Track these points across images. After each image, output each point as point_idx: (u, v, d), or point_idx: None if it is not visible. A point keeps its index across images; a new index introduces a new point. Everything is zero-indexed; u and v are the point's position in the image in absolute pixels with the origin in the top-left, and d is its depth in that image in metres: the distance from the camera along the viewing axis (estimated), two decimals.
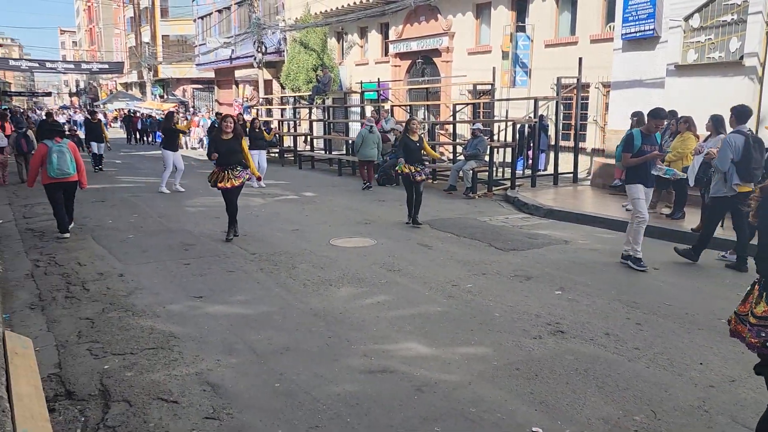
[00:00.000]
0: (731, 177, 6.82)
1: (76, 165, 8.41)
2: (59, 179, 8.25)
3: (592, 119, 14.98)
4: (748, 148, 6.69)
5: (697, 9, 11.00)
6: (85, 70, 49.90)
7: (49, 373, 4.11)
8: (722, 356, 4.46)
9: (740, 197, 6.74)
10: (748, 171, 6.68)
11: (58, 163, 8.17)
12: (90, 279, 6.35)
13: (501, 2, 17.21)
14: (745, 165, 6.70)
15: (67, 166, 8.25)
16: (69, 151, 8.33)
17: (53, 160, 8.14)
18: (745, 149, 6.69)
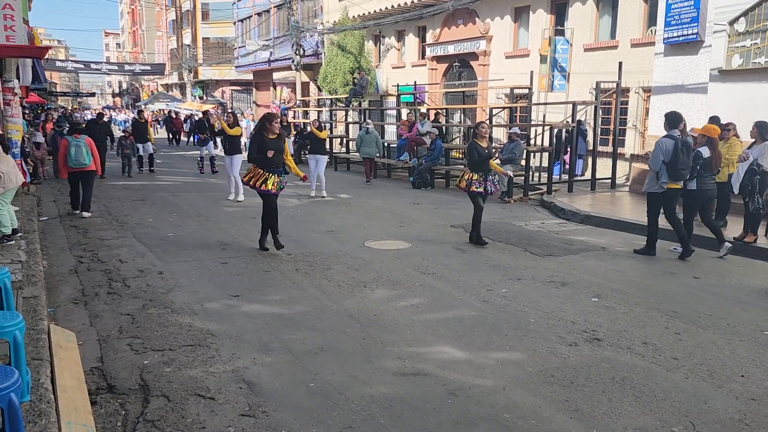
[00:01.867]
0: (662, 176, 7.61)
1: (92, 157, 9.82)
2: (76, 169, 9.72)
3: (631, 124, 14.72)
4: (677, 151, 7.44)
5: (743, 13, 10.72)
6: (128, 72, 51.13)
7: (91, 366, 4.24)
8: (764, 369, 4.34)
9: (669, 193, 7.67)
10: (676, 171, 7.50)
11: (76, 156, 9.62)
12: (131, 276, 6.52)
13: (540, 5, 17.06)
14: (673, 165, 7.49)
15: (83, 158, 9.66)
16: (85, 145, 9.72)
17: (72, 152, 9.61)
18: (674, 152, 7.45)
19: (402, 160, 16.09)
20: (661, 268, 7.23)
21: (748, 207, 7.99)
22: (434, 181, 14.84)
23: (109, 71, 51.44)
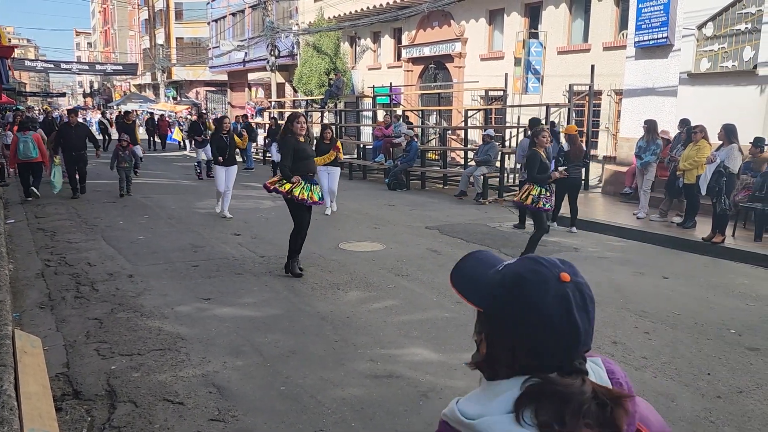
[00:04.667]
0: (522, 168, 9.56)
1: (39, 151, 11.46)
2: (24, 161, 11.44)
3: (603, 126, 14.92)
4: None
5: (711, 18, 10.94)
6: (100, 72, 50.40)
7: (57, 372, 4.15)
8: (730, 367, 4.42)
9: None
10: None
11: (24, 150, 11.31)
12: (99, 279, 6.41)
13: (514, 8, 17.21)
14: None
15: (30, 151, 11.34)
16: (32, 140, 11.44)
17: (20, 147, 11.31)
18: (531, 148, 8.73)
19: (377, 162, 16.09)
20: (631, 268, 7.33)
21: (716, 208, 8.15)
22: (410, 183, 14.86)
23: (79, 71, 50.67)
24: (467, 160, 15.41)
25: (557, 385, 0.93)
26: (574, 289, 1.00)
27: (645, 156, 10.08)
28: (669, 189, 10.07)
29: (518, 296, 1.00)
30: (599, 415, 0.92)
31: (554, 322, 0.97)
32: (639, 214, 10.15)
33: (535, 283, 1.00)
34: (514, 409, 0.93)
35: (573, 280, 1.01)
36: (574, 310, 0.98)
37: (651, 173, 10.16)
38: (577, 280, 1.02)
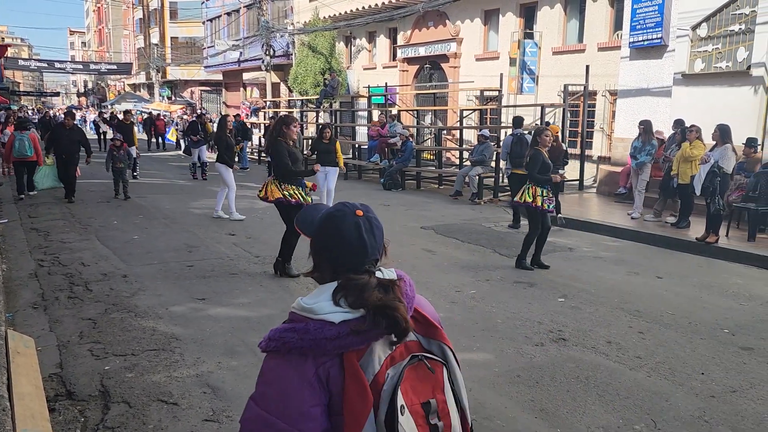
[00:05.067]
0: (508, 164, 10.59)
1: (35, 150, 11.55)
2: (19, 159, 11.56)
3: (598, 127, 14.95)
4: (514, 144, 10.21)
5: (705, 18, 10.98)
6: (94, 71, 50.22)
7: (50, 372, 4.13)
8: (724, 366, 4.44)
9: (514, 177, 9.80)
10: (514, 160, 9.97)
11: (19, 148, 11.40)
12: (93, 279, 6.38)
13: (509, 9, 17.23)
14: (513, 156, 10.07)
15: (25, 150, 11.42)
16: (29, 139, 11.52)
17: (16, 145, 11.41)
18: (513, 145, 10.22)
19: (373, 162, 16.09)
20: (626, 268, 7.35)
21: (710, 208, 8.18)
22: (405, 183, 14.86)
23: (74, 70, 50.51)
24: (462, 160, 15.42)
25: (355, 279, 1.40)
26: (365, 220, 1.50)
27: (640, 156, 10.10)
28: (663, 189, 10.10)
29: (328, 225, 1.49)
30: (395, 295, 1.41)
31: (351, 241, 1.46)
32: (633, 214, 10.17)
33: (338, 216, 1.49)
34: (332, 297, 1.38)
35: (365, 214, 1.51)
36: (363, 233, 1.47)
37: (646, 173, 10.19)
38: (368, 215, 1.53)
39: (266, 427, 1.36)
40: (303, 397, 1.34)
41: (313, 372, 1.34)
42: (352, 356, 1.35)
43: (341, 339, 1.33)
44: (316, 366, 1.35)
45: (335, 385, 1.35)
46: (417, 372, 1.40)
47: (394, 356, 1.40)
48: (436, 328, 1.52)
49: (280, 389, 1.37)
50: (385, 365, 1.37)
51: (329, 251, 1.48)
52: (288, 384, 1.36)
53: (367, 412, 1.32)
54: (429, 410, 1.41)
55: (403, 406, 1.34)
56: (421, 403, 1.39)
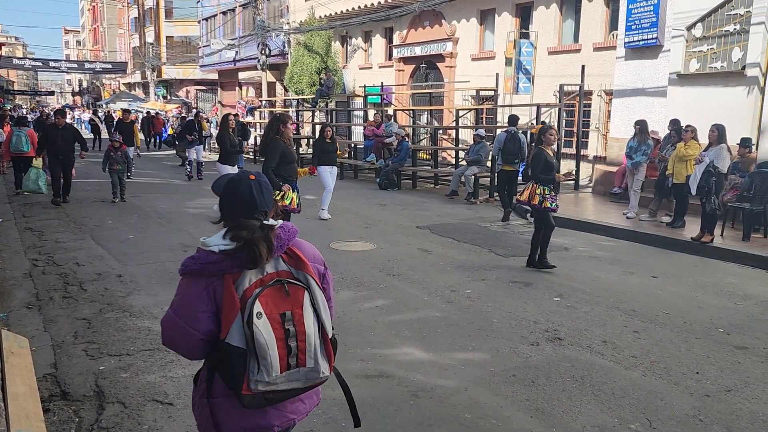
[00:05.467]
0: (499, 160, 11.05)
1: (31, 145, 11.76)
2: (16, 154, 11.92)
3: (594, 127, 14.98)
4: (507, 141, 10.66)
5: (700, 19, 11.01)
6: (89, 70, 50.09)
7: (44, 373, 4.11)
8: (719, 366, 4.45)
9: (504, 173, 10.83)
10: (506, 156, 10.70)
11: (16, 143, 11.80)
12: (88, 279, 6.36)
13: (505, 9, 17.24)
14: (505, 153, 10.68)
15: (21, 145, 11.77)
16: (26, 135, 11.92)
17: (13, 140, 11.85)
18: (506, 142, 10.67)
19: (368, 161, 16.08)
20: (621, 268, 7.37)
21: (705, 208, 8.20)
22: (401, 182, 14.86)
23: (68, 69, 50.32)
24: (458, 159, 15.43)
25: (242, 222, 1.95)
26: (256, 183, 2.04)
27: (636, 156, 10.12)
28: (659, 189, 10.13)
29: (229, 186, 2.04)
30: (266, 234, 1.95)
31: (244, 196, 2.00)
32: (629, 214, 10.20)
33: (236, 179, 2.05)
34: (224, 234, 1.96)
35: (257, 179, 2.06)
36: (254, 191, 2.01)
37: (641, 173, 10.22)
38: (260, 179, 2.07)
39: (173, 325, 1.97)
40: (196, 305, 1.93)
41: (204, 288, 1.93)
42: (229, 277, 1.92)
43: (219, 263, 1.92)
44: (206, 284, 1.93)
45: (219, 297, 1.93)
46: (279, 291, 1.93)
47: (264, 279, 1.95)
48: (305, 263, 2.04)
49: (183, 299, 1.97)
50: (254, 285, 1.92)
51: (229, 204, 2.04)
52: (188, 296, 1.95)
53: (235, 315, 1.88)
54: (284, 319, 1.90)
55: (260, 313, 1.87)
56: (279, 313, 1.90)
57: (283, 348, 1.90)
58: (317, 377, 2.00)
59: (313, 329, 1.96)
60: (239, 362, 1.88)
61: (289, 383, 1.95)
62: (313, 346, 1.96)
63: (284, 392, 1.97)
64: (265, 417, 2.01)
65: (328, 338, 2.04)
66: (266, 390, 1.91)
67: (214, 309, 1.93)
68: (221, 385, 1.97)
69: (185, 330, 1.94)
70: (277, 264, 2.00)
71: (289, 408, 2.08)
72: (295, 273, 2.01)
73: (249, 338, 1.86)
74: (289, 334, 1.91)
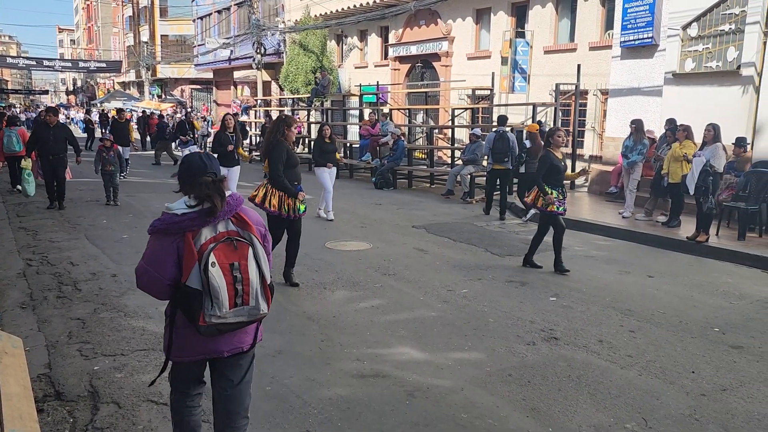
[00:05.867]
0: (489, 159, 11.14)
1: (23, 145, 11.63)
2: (8, 154, 11.98)
3: (590, 126, 15.00)
4: (496, 141, 10.82)
5: (695, 18, 11.03)
6: (83, 69, 49.91)
7: (38, 373, 4.09)
8: (714, 365, 4.46)
9: (494, 172, 10.93)
10: (495, 155, 10.83)
11: (7, 144, 11.84)
12: (82, 279, 6.33)
13: (501, 8, 17.25)
14: (495, 152, 10.81)
15: (13, 145, 11.84)
16: (17, 135, 11.99)
17: (5, 141, 11.85)
18: (495, 141, 10.83)
19: (364, 161, 16.06)
20: (617, 267, 7.37)
21: (702, 207, 8.22)
22: (396, 182, 14.85)
23: (62, 68, 50.09)
24: (454, 159, 15.42)
25: (199, 179, 2.51)
26: (204, 155, 2.65)
27: (632, 156, 10.13)
28: (654, 188, 10.13)
29: (184, 162, 2.63)
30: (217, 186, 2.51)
31: (196, 164, 2.59)
32: (624, 214, 10.20)
33: (189, 156, 2.66)
34: (185, 200, 2.51)
35: (204, 153, 2.70)
36: (204, 159, 2.61)
37: (637, 173, 10.23)
38: (207, 154, 2.69)
39: (145, 273, 2.52)
40: (163, 257, 2.49)
41: (169, 243, 2.49)
42: (189, 234, 2.48)
43: (180, 223, 2.47)
44: (171, 240, 2.49)
45: (181, 250, 2.48)
46: (229, 246, 2.51)
47: (217, 237, 2.51)
48: (249, 225, 2.61)
49: (153, 253, 2.52)
50: (209, 241, 2.49)
51: (186, 173, 2.61)
52: (156, 250, 2.51)
53: (194, 263, 2.45)
54: (233, 267, 2.48)
55: (214, 263, 2.44)
56: (229, 263, 2.48)
57: (232, 290, 2.47)
58: (258, 313, 2.56)
59: (255, 276, 2.52)
60: (197, 300, 2.44)
61: (236, 317, 2.51)
62: (255, 290, 2.52)
63: (232, 324, 2.53)
64: (217, 343, 2.61)
65: (267, 284, 2.58)
66: (218, 322, 2.47)
67: (177, 259, 2.49)
68: (183, 318, 2.54)
69: (155, 276, 2.50)
70: (227, 225, 2.57)
71: (237, 338, 2.66)
72: (241, 232, 2.58)
73: (205, 282, 2.43)
74: (236, 279, 2.48)
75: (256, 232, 2.61)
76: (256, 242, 2.57)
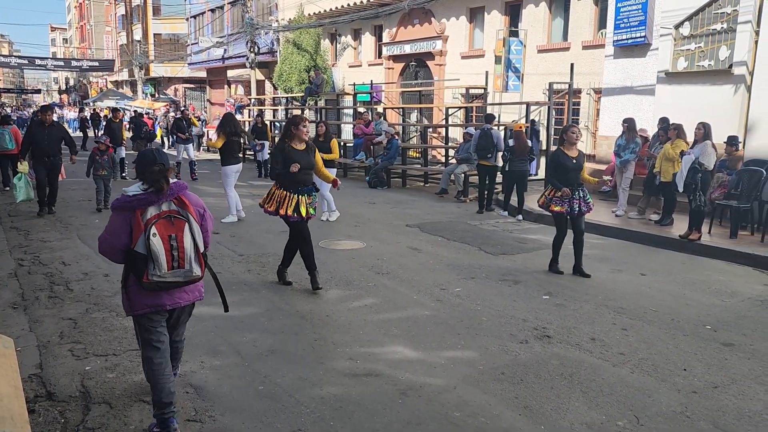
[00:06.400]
0: (474, 156, 11.58)
1: (15, 143, 11.73)
2: (1, 152, 11.98)
3: (583, 125, 15.03)
4: (480, 138, 11.18)
5: (688, 17, 11.07)
6: (75, 68, 49.64)
7: (29, 373, 4.06)
8: (706, 362, 4.48)
9: (481, 168, 11.32)
10: (479, 151, 11.22)
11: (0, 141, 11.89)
12: (74, 279, 6.30)
13: (494, 7, 17.26)
14: (479, 148, 11.21)
15: (5, 143, 11.90)
16: (9, 133, 12.03)
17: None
18: (479, 138, 11.17)
19: (358, 160, 16.05)
20: (610, 265, 7.40)
21: (691, 204, 8.25)
22: (390, 181, 14.84)
23: (55, 67, 49.80)
24: (448, 158, 15.43)
25: (150, 168, 3.23)
26: (156, 150, 3.38)
27: (624, 154, 10.16)
28: (647, 187, 10.17)
29: (139, 155, 3.35)
30: (164, 173, 3.25)
31: (149, 156, 3.28)
32: (617, 212, 10.24)
33: (143, 151, 3.37)
34: (140, 185, 3.27)
35: (157, 149, 3.43)
36: (155, 153, 3.32)
37: (630, 171, 10.26)
38: (159, 149, 3.49)
39: (105, 241, 3.23)
40: (118, 228, 3.19)
41: (124, 217, 3.19)
42: (138, 211, 3.16)
43: (132, 203, 3.17)
44: (125, 215, 3.19)
45: (131, 224, 3.17)
46: (168, 222, 3.19)
47: (160, 214, 3.19)
48: (188, 206, 3.29)
49: (112, 225, 3.22)
50: (153, 217, 3.16)
51: (141, 164, 3.28)
52: (114, 223, 3.21)
53: (140, 234, 3.12)
54: (171, 238, 3.16)
55: (155, 234, 3.12)
56: (167, 235, 3.16)
57: (169, 256, 3.17)
58: (192, 275, 3.26)
59: (189, 246, 3.23)
60: (142, 262, 3.15)
61: (174, 278, 3.22)
62: (189, 256, 3.23)
63: (170, 283, 3.23)
64: (159, 298, 3.30)
65: (200, 252, 3.30)
66: (158, 280, 3.18)
67: (129, 231, 3.19)
68: (133, 278, 3.24)
69: (112, 243, 3.23)
70: (169, 205, 3.25)
71: (176, 295, 3.35)
72: (180, 211, 3.27)
73: (148, 248, 3.13)
74: (173, 247, 3.18)
75: (193, 212, 3.31)
76: (192, 220, 3.28)
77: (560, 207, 6.74)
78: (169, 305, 3.34)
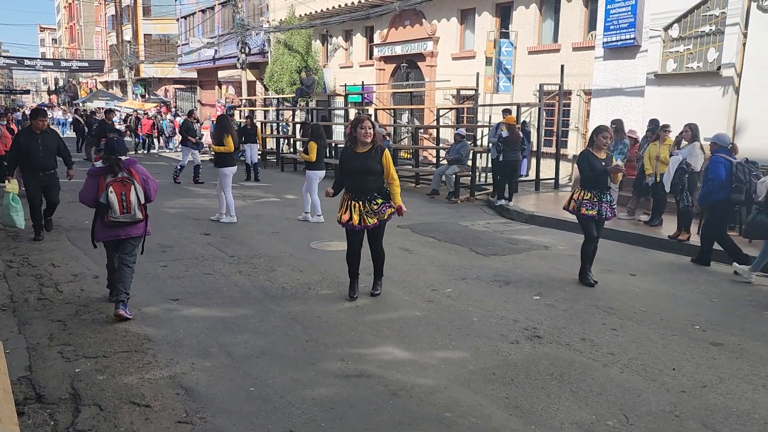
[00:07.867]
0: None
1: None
2: None
3: (573, 126, 15.11)
4: None
5: (677, 19, 11.16)
6: (65, 68, 49.35)
7: (19, 375, 4.04)
8: (695, 362, 4.51)
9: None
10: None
11: None
12: (64, 280, 6.26)
13: (485, 8, 17.32)
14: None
15: None
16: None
17: None
18: None
19: None
20: (600, 266, 7.42)
21: (680, 205, 8.32)
22: None
23: (44, 68, 49.49)
24: (439, 159, 15.46)
25: (109, 156, 5.18)
26: (116, 140, 5.46)
27: (613, 155, 10.22)
28: (637, 188, 10.24)
29: (106, 144, 5.44)
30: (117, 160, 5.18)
31: (111, 145, 5.28)
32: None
33: (108, 140, 5.55)
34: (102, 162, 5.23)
35: (117, 138, 5.73)
36: (115, 144, 5.30)
37: None
38: (118, 137, 5.89)
39: (83, 193, 5.18)
40: (90, 186, 5.13)
41: (93, 181, 5.11)
42: (102, 177, 5.08)
43: (99, 172, 5.11)
44: (94, 179, 5.11)
45: (98, 184, 5.08)
46: (121, 183, 5.07)
47: (115, 179, 5.06)
48: (134, 174, 5.17)
49: (87, 184, 5.15)
50: (110, 182, 5.04)
51: (106, 152, 5.19)
52: (88, 182, 5.14)
53: (103, 191, 5.03)
54: (122, 195, 5.04)
55: (112, 191, 5.01)
56: (120, 192, 5.04)
57: (121, 205, 5.01)
58: (135, 218, 5.10)
59: (134, 199, 5.06)
60: (103, 208, 5.01)
61: (124, 219, 5.05)
62: (134, 206, 5.06)
63: (122, 222, 5.08)
64: (115, 231, 5.12)
65: (141, 204, 5.15)
66: (114, 220, 5.02)
67: (96, 188, 5.04)
68: (99, 218, 5.09)
69: (87, 195, 5.11)
70: (122, 174, 5.06)
71: (127, 230, 5.16)
72: (129, 177, 5.09)
73: (107, 199, 4.96)
74: (123, 200, 5.01)
75: (138, 178, 5.14)
76: (136, 183, 5.10)
77: (592, 210, 6.51)
78: (123, 236, 5.15)
